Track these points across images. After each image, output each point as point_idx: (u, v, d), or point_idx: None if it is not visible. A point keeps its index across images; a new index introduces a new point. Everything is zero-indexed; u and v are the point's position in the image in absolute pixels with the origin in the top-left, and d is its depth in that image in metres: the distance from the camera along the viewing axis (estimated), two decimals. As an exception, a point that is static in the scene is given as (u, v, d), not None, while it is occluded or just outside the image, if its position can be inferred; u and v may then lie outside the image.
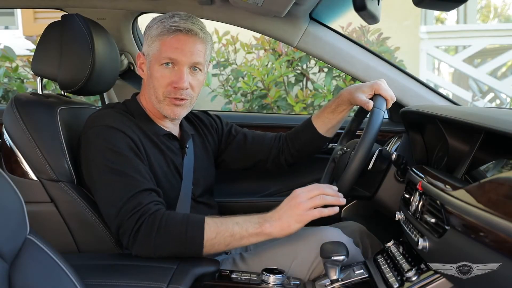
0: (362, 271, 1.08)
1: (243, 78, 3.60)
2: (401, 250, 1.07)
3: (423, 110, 1.17)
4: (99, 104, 2.25)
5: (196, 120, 1.41)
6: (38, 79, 1.31)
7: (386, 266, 1.06)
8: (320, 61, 2.18)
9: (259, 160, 1.45)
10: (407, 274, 0.95)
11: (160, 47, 1.16)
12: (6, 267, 0.70)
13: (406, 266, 0.99)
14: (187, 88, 1.17)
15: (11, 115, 1.19)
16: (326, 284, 1.05)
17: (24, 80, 3.45)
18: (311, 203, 1.05)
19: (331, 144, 1.66)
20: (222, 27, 3.38)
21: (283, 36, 1.61)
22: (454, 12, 7.85)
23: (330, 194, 1.07)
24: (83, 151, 1.15)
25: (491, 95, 5.83)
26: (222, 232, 1.03)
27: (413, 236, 0.95)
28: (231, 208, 1.61)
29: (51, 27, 1.27)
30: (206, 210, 1.31)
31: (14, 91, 3.41)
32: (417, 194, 0.99)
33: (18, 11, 5.29)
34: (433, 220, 0.86)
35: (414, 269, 0.96)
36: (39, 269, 0.74)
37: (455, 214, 0.78)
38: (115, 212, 1.05)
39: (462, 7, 6.82)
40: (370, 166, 1.17)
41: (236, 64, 3.75)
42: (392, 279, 0.99)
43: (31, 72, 3.01)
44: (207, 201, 1.34)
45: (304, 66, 3.50)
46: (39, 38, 1.27)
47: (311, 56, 2.87)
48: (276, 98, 3.36)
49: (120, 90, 1.88)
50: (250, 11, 1.53)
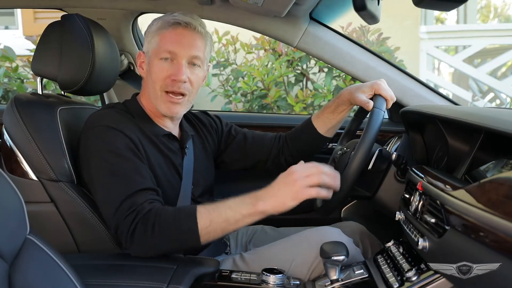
0: (362, 271, 1.08)
1: (243, 78, 3.60)
2: (401, 250, 1.07)
3: (423, 110, 1.17)
4: (99, 104, 2.25)
5: (196, 121, 1.41)
6: (38, 79, 1.31)
7: (386, 266, 1.06)
8: (320, 61, 2.18)
9: (259, 160, 1.45)
10: (407, 274, 0.96)
11: (159, 41, 1.17)
12: (6, 267, 0.70)
13: (406, 266, 0.99)
14: (185, 82, 1.17)
15: (11, 115, 1.19)
16: (326, 284, 1.05)
17: (24, 80, 3.45)
18: (308, 180, 0.99)
19: (331, 144, 1.66)
20: (222, 27, 3.38)
21: (283, 36, 1.61)
22: (454, 12, 7.85)
23: (328, 174, 1.02)
24: (83, 151, 1.15)
25: (491, 95, 5.83)
26: (215, 219, 1.01)
27: (413, 236, 0.95)
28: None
29: (51, 27, 1.27)
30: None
31: (14, 91, 3.41)
32: (417, 194, 0.99)
33: (18, 11, 5.29)
34: (433, 220, 0.86)
35: (414, 269, 0.96)
36: (39, 269, 0.74)
37: (455, 214, 0.78)
38: (113, 213, 1.05)
39: (462, 7, 6.82)
40: (370, 166, 1.17)
41: (236, 64, 3.75)
42: (392, 279, 0.99)
43: (31, 72, 3.01)
44: (207, 201, 1.34)
45: (304, 66, 3.50)
46: (39, 38, 1.27)
47: (311, 56, 2.87)
48: (276, 98, 3.36)
49: (120, 90, 1.88)
50: (250, 11, 1.53)
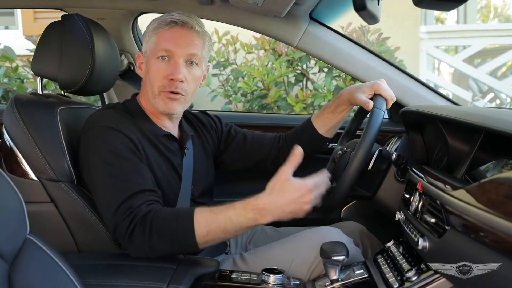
0: (362, 271, 1.08)
1: (243, 78, 3.60)
2: (401, 250, 1.07)
3: (423, 110, 1.17)
4: (99, 104, 2.25)
5: (196, 121, 1.41)
6: (38, 79, 1.31)
7: (386, 266, 1.06)
8: (320, 61, 2.18)
9: (259, 160, 1.45)
10: (407, 274, 0.96)
11: (156, 40, 1.17)
12: (6, 267, 0.70)
13: (406, 266, 0.99)
14: (182, 81, 1.16)
15: (11, 115, 1.19)
16: (326, 284, 1.05)
17: (24, 80, 3.45)
18: (315, 201, 1.01)
19: (331, 144, 1.66)
20: (222, 27, 3.38)
21: (283, 36, 1.61)
22: (454, 12, 7.85)
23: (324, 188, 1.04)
24: (83, 151, 1.15)
25: (491, 95, 5.83)
26: (213, 231, 1.00)
27: (413, 236, 0.95)
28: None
29: (51, 27, 1.27)
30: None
31: (14, 91, 3.41)
32: (417, 194, 0.99)
33: (18, 11, 5.29)
34: (433, 220, 0.86)
35: (414, 269, 0.96)
36: (39, 269, 0.74)
37: (455, 214, 0.78)
38: (111, 214, 1.05)
39: (462, 7, 6.82)
40: (370, 166, 1.17)
41: (236, 64, 3.75)
42: (392, 279, 0.99)
43: (31, 72, 3.01)
44: (207, 201, 1.34)
45: (304, 66, 3.49)
46: (39, 38, 1.27)
47: (311, 56, 2.87)
48: (276, 98, 3.36)
49: (120, 90, 1.88)
50: (250, 11, 1.53)
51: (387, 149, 1.49)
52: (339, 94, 1.35)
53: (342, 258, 1.00)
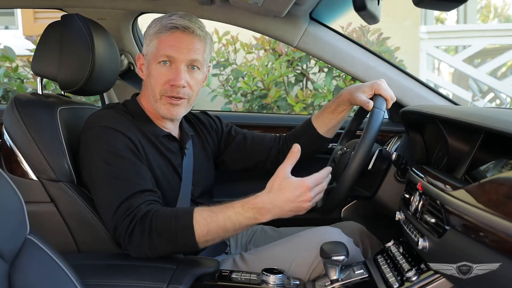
0: (362, 271, 1.08)
1: (243, 78, 3.60)
2: (401, 250, 1.07)
3: (423, 110, 1.17)
4: (99, 104, 2.25)
5: (196, 121, 1.41)
6: (38, 79, 1.31)
7: (386, 266, 1.06)
8: (320, 61, 2.18)
9: (259, 161, 1.45)
10: (407, 274, 0.96)
11: (158, 45, 1.16)
12: (6, 267, 0.70)
13: (406, 266, 0.99)
14: (184, 86, 1.16)
15: (11, 115, 1.19)
16: (326, 284, 1.05)
17: (24, 80, 3.45)
18: (316, 198, 1.01)
19: (331, 144, 1.66)
20: (222, 27, 3.37)
21: (283, 36, 1.60)
22: (454, 12, 7.85)
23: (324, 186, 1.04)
24: (83, 151, 1.15)
25: (491, 95, 5.83)
26: (213, 230, 1.00)
27: (413, 236, 0.95)
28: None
29: (51, 27, 1.27)
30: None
31: (14, 91, 3.41)
32: (417, 194, 0.99)
33: (18, 11, 5.28)
34: (433, 220, 0.86)
35: (414, 269, 0.96)
36: (39, 269, 0.74)
37: (455, 214, 0.78)
38: (111, 214, 1.05)
39: (462, 7, 6.82)
40: (370, 166, 1.17)
41: (236, 64, 3.75)
42: (392, 279, 0.99)
43: (31, 72, 3.01)
44: (207, 202, 1.34)
45: (304, 66, 3.49)
46: (39, 38, 1.27)
47: (311, 56, 2.87)
48: (276, 98, 3.36)
49: (120, 90, 1.88)
50: (250, 11, 1.53)
51: (387, 149, 1.49)
52: (339, 94, 1.35)
53: (342, 258, 1.00)
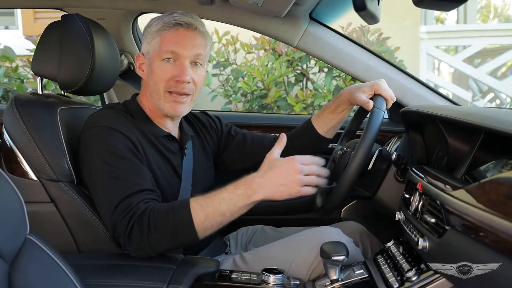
0: (362, 271, 1.08)
1: (243, 78, 3.60)
2: (401, 250, 1.07)
3: (423, 110, 1.17)
4: (99, 104, 2.25)
5: (196, 121, 1.41)
6: (38, 79, 1.31)
7: (386, 266, 1.06)
8: (320, 61, 2.18)
9: (259, 161, 1.43)
10: (407, 274, 0.96)
11: (161, 42, 1.17)
12: (6, 267, 0.70)
13: (406, 266, 0.99)
14: (189, 82, 1.17)
15: (11, 115, 1.19)
16: (326, 284, 1.05)
17: (24, 80, 3.45)
18: (307, 180, 1.03)
19: (331, 144, 1.66)
20: (222, 27, 3.37)
21: (283, 36, 1.61)
22: (454, 12, 7.85)
23: (322, 174, 1.07)
24: (82, 151, 1.15)
25: (491, 95, 5.83)
26: (211, 214, 1.01)
27: (413, 236, 0.95)
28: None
29: (51, 27, 1.27)
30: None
31: (14, 91, 3.41)
32: (417, 194, 0.99)
33: (18, 11, 5.29)
34: (433, 220, 0.86)
35: (414, 269, 0.96)
36: (39, 269, 0.74)
37: (455, 214, 0.78)
38: (110, 214, 1.05)
39: (462, 7, 6.82)
40: (370, 166, 1.17)
41: (236, 64, 3.75)
42: (392, 279, 0.99)
43: (31, 72, 3.01)
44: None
45: (304, 66, 3.49)
46: (39, 38, 1.27)
47: (311, 56, 2.87)
48: (276, 98, 3.36)
49: (120, 90, 1.88)
50: (250, 11, 1.53)
51: (387, 149, 1.49)
52: (339, 94, 1.35)
53: (342, 258, 1.00)
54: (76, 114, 1.31)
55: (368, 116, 1.24)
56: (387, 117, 1.80)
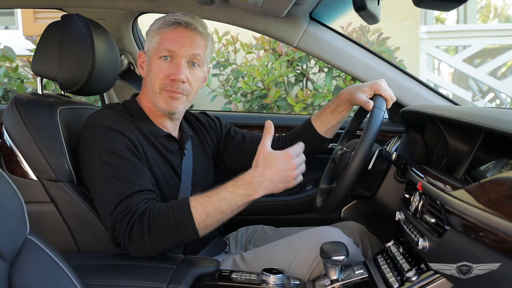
0: (362, 271, 1.08)
1: (243, 78, 3.60)
2: (401, 250, 1.07)
3: (423, 110, 1.17)
4: (99, 104, 2.25)
5: (195, 121, 1.41)
6: (38, 79, 1.31)
7: (386, 266, 1.06)
8: (320, 61, 2.18)
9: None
10: (407, 274, 0.96)
11: (159, 40, 1.17)
12: (6, 267, 0.70)
13: (406, 266, 0.99)
14: (183, 82, 1.17)
15: (11, 115, 1.19)
16: (326, 284, 1.05)
17: (24, 80, 3.45)
18: (301, 168, 1.08)
19: (331, 144, 1.66)
20: (222, 27, 3.37)
21: (283, 36, 1.61)
22: (454, 12, 7.85)
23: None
24: (82, 151, 1.15)
25: (491, 95, 5.83)
26: (211, 213, 1.03)
27: (413, 236, 0.95)
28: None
29: (51, 27, 1.27)
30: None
31: (14, 91, 3.40)
32: (417, 194, 0.99)
33: (18, 11, 5.28)
34: (433, 220, 0.86)
35: (414, 269, 0.96)
36: (39, 269, 0.74)
37: (455, 214, 0.78)
38: (109, 214, 1.05)
39: (462, 7, 6.82)
40: (370, 166, 1.17)
41: (236, 64, 3.75)
42: (392, 279, 0.99)
43: (31, 72, 3.01)
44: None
45: (304, 66, 3.49)
46: (39, 38, 1.27)
47: (311, 56, 2.87)
48: (276, 98, 3.36)
49: (120, 90, 1.88)
50: (250, 11, 1.53)
51: (387, 149, 1.49)
52: (339, 94, 1.36)
53: (342, 258, 1.00)
54: (76, 114, 1.31)
55: (368, 116, 1.24)
56: (387, 117, 1.80)
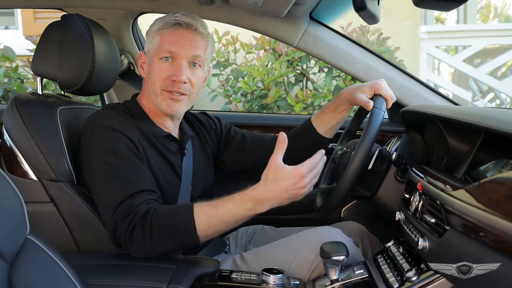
0: (362, 271, 1.08)
1: (243, 78, 3.60)
2: (401, 250, 1.07)
3: (423, 110, 1.17)
4: (99, 104, 2.25)
5: (195, 121, 1.41)
6: (38, 79, 1.31)
7: (386, 266, 1.06)
8: (320, 61, 2.18)
9: (258, 161, 1.44)
10: (407, 274, 0.95)
11: (160, 41, 1.17)
12: (6, 267, 0.70)
13: (406, 266, 0.99)
14: (185, 82, 1.17)
15: (11, 115, 1.19)
16: (326, 284, 1.05)
17: (24, 80, 3.44)
18: (311, 184, 1.03)
19: (331, 144, 1.66)
20: (222, 27, 3.37)
21: (283, 36, 1.60)
22: (454, 12, 7.84)
23: (317, 171, 1.04)
24: (82, 151, 1.15)
25: (491, 95, 5.83)
26: (214, 224, 1.03)
27: (413, 236, 0.95)
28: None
29: (51, 27, 1.27)
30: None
31: (14, 91, 3.40)
32: (417, 194, 0.99)
33: (18, 11, 5.29)
34: (433, 220, 0.86)
35: (414, 269, 0.96)
36: (39, 269, 0.75)
37: (455, 214, 0.78)
38: (111, 214, 1.05)
39: (462, 7, 6.81)
40: (370, 166, 1.17)
41: (236, 64, 3.75)
42: (392, 279, 0.99)
43: (31, 72, 3.01)
44: (206, 202, 1.34)
45: (304, 66, 3.49)
46: (39, 38, 1.27)
47: (311, 56, 2.87)
48: (276, 98, 3.35)
49: (120, 90, 1.88)
50: (250, 11, 1.53)
51: (387, 149, 1.49)
52: (339, 94, 1.35)
53: (342, 258, 1.00)
54: (76, 114, 1.31)
55: (368, 116, 1.24)
56: (387, 117, 1.80)
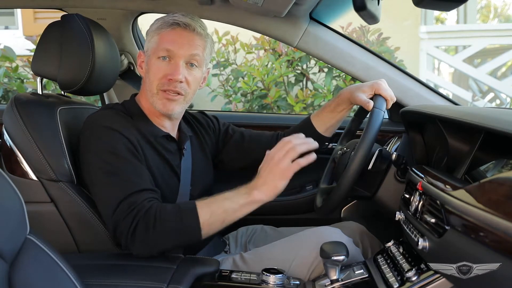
0: (362, 271, 1.08)
1: (243, 78, 3.60)
2: (401, 250, 1.07)
3: (423, 110, 1.17)
4: (99, 104, 2.25)
5: (194, 121, 1.41)
6: (38, 79, 1.31)
7: (386, 266, 1.06)
8: (320, 61, 2.18)
9: (257, 159, 1.43)
10: (407, 274, 0.95)
11: (158, 40, 1.18)
12: (6, 267, 0.70)
13: (406, 266, 0.99)
14: (181, 82, 1.17)
15: (11, 115, 1.19)
16: (326, 284, 1.05)
17: (24, 80, 3.44)
18: (287, 158, 1.07)
19: (331, 144, 1.66)
20: (222, 27, 3.37)
21: (283, 36, 1.61)
22: (454, 12, 7.84)
23: (300, 142, 1.09)
24: (82, 151, 1.15)
25: (491, 95, 5.83)
26: (215, 211, 1.05)
27: (413, 236, 0.95)
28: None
29: (51, 27, 1.27)
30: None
31: (14, 91, 3.40)
32: (417, 194, 0.99)
33: (18, 11, 5.29)
34: (433, 220, 0.86)
35: (414, 269, 0.96)
36: (39, 269, 0.74)
37: (455, 214, 0.78)
38: (111, 213, 1.05)
39: (462, 7, 6.81)
40: (370, 166, 1.17)
41: (236, 64, 3.75)
42: (392, 279, 0.99)
43: (31, 72, 3.01)
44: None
45: (304, 66, 3.49)
46: (39, 38, 1.27)
47: (311, 56, 2.87)
48: (276, 98, 3.35)
49: (120, 90, 1.88)
50: (250, 11, 1.53)
51: (387, 149, 1.49)
52: (339, 93, 1.36)
53: (342, 258, 1.00)
54: (76, 114, 1.31)
55: (368, 116, 1.24)
56: (387, 117, 1.80)
